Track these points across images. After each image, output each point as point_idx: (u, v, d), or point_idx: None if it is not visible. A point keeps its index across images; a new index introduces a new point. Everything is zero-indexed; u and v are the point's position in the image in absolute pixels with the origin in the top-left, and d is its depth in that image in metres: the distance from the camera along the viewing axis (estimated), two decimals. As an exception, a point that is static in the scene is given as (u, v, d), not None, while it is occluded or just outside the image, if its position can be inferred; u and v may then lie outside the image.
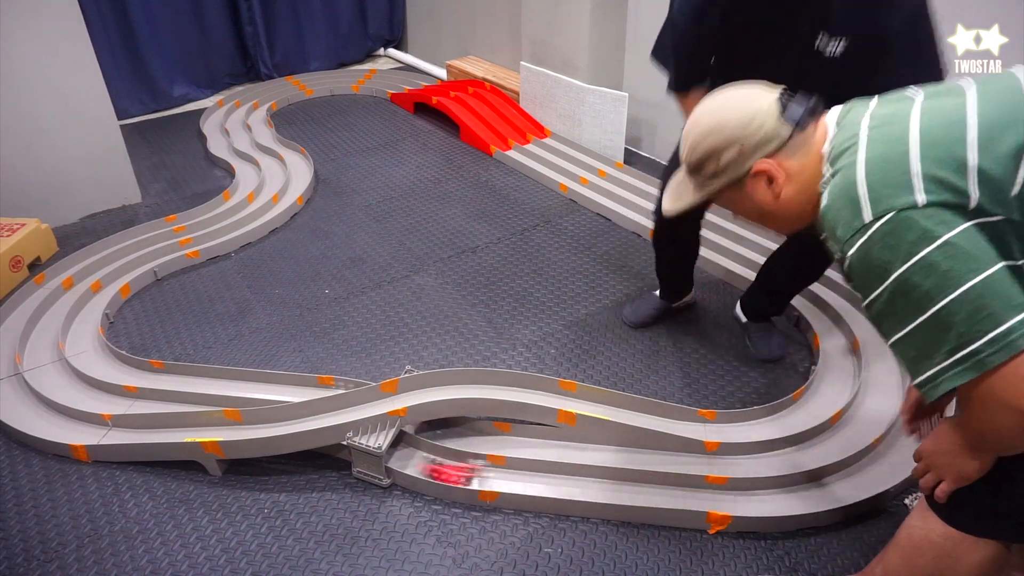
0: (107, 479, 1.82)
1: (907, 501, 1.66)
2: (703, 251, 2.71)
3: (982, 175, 0.87)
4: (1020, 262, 0.89)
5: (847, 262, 0.95)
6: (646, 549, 1.63)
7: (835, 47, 1.53)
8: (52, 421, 1.95)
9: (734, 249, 2.68)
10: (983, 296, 0.84)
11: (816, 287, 2.47)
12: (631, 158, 3.58)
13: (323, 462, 1.86)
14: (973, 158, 0.87)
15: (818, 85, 1.30)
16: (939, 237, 0.86)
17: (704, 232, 2.80)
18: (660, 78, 3.48)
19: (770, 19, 1.60)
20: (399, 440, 1.85)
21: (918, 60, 1.52)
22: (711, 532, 1.66)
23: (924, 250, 0.86)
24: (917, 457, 1.11)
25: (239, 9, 4.42)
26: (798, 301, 2.42)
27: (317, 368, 2.18)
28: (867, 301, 0.94)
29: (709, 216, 2.90)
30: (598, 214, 3.07)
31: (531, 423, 1.88)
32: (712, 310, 2.45)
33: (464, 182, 3.37)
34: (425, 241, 2.88)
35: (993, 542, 1.10)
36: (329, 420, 1.80)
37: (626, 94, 3.30)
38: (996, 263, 0.85)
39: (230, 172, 3.40)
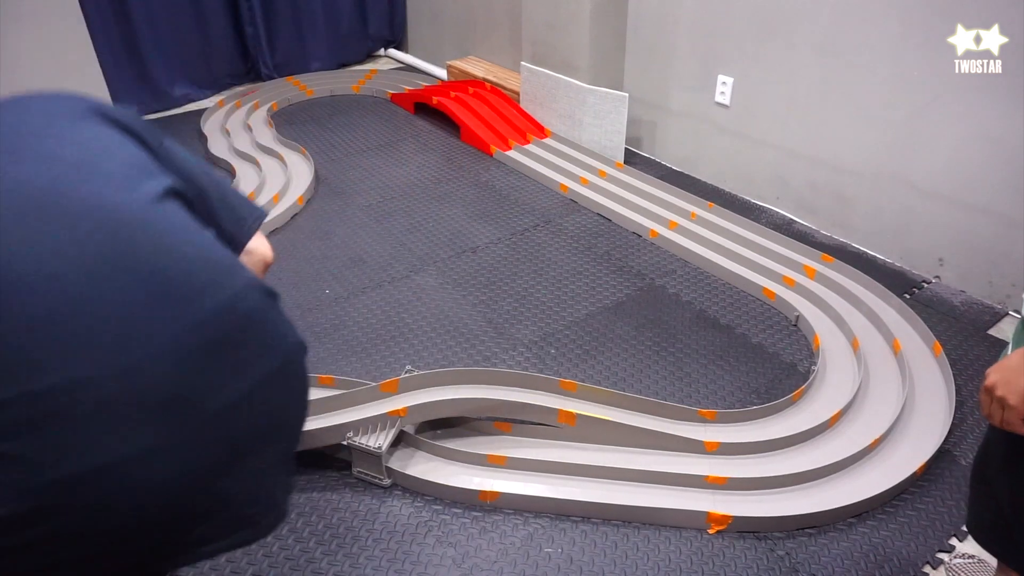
0: (108, 479, 1.82)
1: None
2: (705, 252, 2.71)
3: None
4: None
5: None
6: (646, 549, 1.63)
7: None
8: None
9: (734, 249, 2.68)
10: None
11: (815, 286, 2.47)
12: (631, 158, 3.59)
13: (323, 462, 1.86)
14: None
15: None
16: None
17: (704, 232, 2.81)
18: (659, 78, 3.50)
19: None
20: (399, 440, 1.85)
21: None
22: (711, 532, 1.66)
23: None
24: (983, 386, 1.01)
25: (240, 10, 4.41)
26: (797, 301, 2.42)
27: (317, 368, 2.18)
28: None
29: (706, 215, 2.91)
30: (598, 214, 3.07)
31: (531, 423, 1.88)
32: (712, 310, 2.45)
33: (464, 182, 3.37)
34: (425, 241, 2.88)
35: None
36: (329, 420, 1.80)
37: (626, 94, 3.30)
38: None
39: (231, 172, 3.40)
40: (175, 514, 0.85)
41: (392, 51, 5.21)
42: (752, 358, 2.22)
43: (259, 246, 1.13)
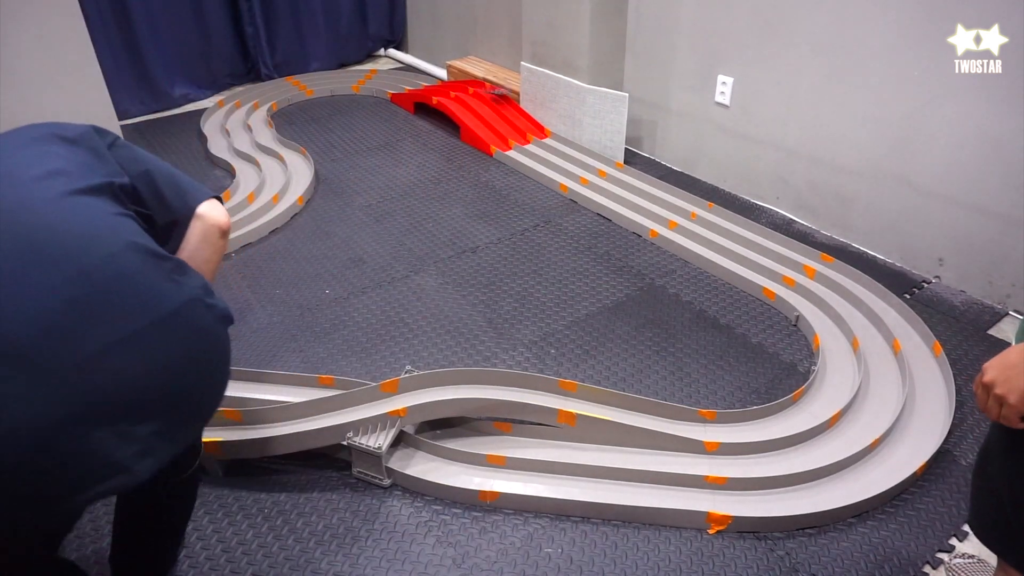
0: (107, 479, 1.82)
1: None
2: (706, 252, 2.71)
3: None
4: None
5: None
6: (646, 549, 1.63)
7: None
8: (53, 421, 1.95)
9: (734, 249, 2.68)
10: None
11: (815, 286, 2.47)
12: (631, 158, 3.59)
13: (323, 462, 1.86)
14: None
15: None
16: None
17: (704, 232, 2.81)
18: (659, 78, 3.50)
19: None
20: (399, 440, 1.85)
21: None
22: (711, 532, 1.66)
23: None
24: (978, 381, 1.00)
25: (239, 9, 4.42)
26: (797, 301, 2.42)
27: (317, 368, 2.18)
28: None
29: (706, 215, 2.91)
30: (598, 214, 3.07)
31: (531, 423, 1.88)
32: (712, 310, 2.45)
33: (464, 182, 3.37)
34: (425, 241, 2.88)
35: None
36: (329, 420, 1.80)
37: (626, 94, 3.30)
38: None
39: (230, 172, 3.40)
40: (33, 457, 0.93)
41: (392, 51, 5.21)
42: (752, 358, 2.22)
43: (209, 212, 1.30)
